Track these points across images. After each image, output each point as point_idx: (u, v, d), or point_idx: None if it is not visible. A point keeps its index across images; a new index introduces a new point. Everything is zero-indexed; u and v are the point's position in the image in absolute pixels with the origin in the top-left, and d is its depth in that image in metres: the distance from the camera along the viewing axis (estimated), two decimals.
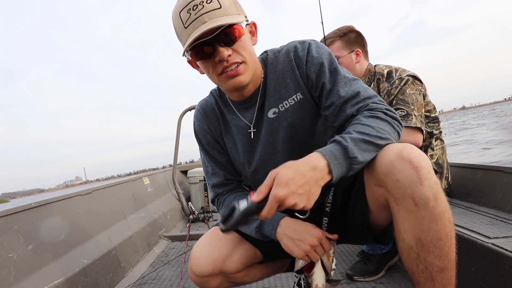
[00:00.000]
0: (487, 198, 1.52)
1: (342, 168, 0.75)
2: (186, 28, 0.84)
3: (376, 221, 0.94)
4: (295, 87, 0.97)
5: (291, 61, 0.96)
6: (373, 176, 0.83)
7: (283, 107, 0.98)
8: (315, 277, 0.92)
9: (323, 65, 0.93)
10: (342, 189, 1.01)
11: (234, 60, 0.88)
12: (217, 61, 0.87)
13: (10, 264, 1.31)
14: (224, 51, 0.85)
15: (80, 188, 2.52)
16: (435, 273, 0.76)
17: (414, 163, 0.73)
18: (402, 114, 1.48)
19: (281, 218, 0.95)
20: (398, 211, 0.78)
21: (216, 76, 0.91)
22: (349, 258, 1.80)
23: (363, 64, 1.71)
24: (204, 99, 1.12)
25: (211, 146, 1.10)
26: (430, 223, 0.74)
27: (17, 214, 1.46)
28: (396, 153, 0.76)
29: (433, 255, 0.75)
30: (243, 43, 0.89)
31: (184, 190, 3.59)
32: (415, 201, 0.74)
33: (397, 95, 1.52)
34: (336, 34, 1.70)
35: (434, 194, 0.73)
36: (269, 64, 1.00)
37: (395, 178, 0.75)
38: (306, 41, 0.97)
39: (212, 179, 1.10)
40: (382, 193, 0.82)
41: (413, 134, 1.47)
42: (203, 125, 1.09)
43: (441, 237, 0.74)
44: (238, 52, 0.88)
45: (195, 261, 0.99)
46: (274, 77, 0.99)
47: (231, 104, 1.05)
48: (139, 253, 2.20)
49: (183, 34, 0.86)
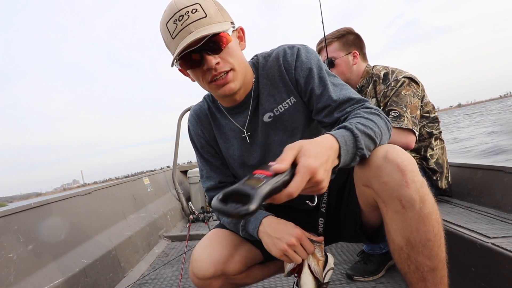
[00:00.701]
0: (487, 198, 1.52)
1: (348, 155, 0.74)
2: (173, 39, 0.86)
3: (368, 221, 0.95)
4: (287, 91, 0.98)
5: (280, 65, 0.97)
6: (362, 176, 0.84)
7: (278, 111, 0.99)
8: (302, 283, 0.89)
9: (312, 70, 0.94)
10: (335, 190, 1.02)
11: (223, 69, 0.88)
12: (205, 69, 0.88)
13: (10, 264, 1.31)
14: (211, 60, 0.86)
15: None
16: (426, 273, 0.76)
17: (400, 166, 0.74)
18: (395, 115, 1.48)
19: (264, 217, 0.95)
20: (386, 212, 0.79)
21: (206, 84, 0.92)
22: (349, 258, 1.80)
23: (360, 66, 1.72)
24: (197, 104, 1.13)
25: (205, 150, 1.11)
26: (418, 224, 0.74)
27: (17, 214, 1.46)
28: (384, 155, 0.77)
29: (423, 255, 0.76)
30: (230, 50, 0.89)
31: (184, 190, 3.59)
32: (402, 203, 0.74)
33: (392, 97, 1.53)
34: (334, 35, 1.71)
35: (420, 196, 0.74)
36: (260, 68, 1.01)
37: (382, 180, 0.76)
38: (295, 46, 0.98)
39: (206, 182, 1.13)
40: (371, 193, 0.83)
41: (405, 135, 1.47)
42: (197, 130, 1.11)
43: (430, 238, 0.75)
44: (226, 60, 0.89)
45: (197, 263, 0.98)
46: (266, 81, 1.00)
47: (224, 109, 1.06)
48: (139, 253, 2.20)
49: (171, 44, 0.88)
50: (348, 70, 1.70)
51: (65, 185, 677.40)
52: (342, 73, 1.71)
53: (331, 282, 1.55)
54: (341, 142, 0.72)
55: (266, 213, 0.98)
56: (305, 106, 0.98)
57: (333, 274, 1.64)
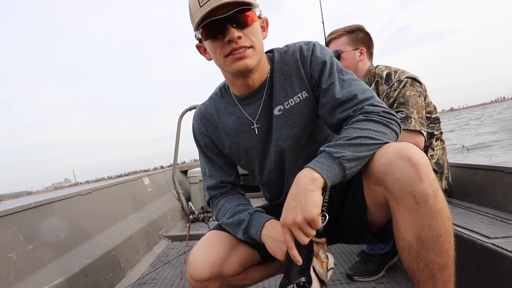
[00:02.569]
0: (487, 198, 1.52)
1: (332, 169, 0.78)
2: (201, 6, 0.85)
3: (373, 220, 0.94)
4: (300, 86, 0.98)
5: (296, 60, 0.98)
6: (372, 175, 0.83)
7: (288, 105, 0.99)
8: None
9: (325, 64, 0.95)
10: (338, 189, 1.02)
11: (243, 43, 0.88)
12: (226, 41, 0.87)
13: (10, 264, 1.31)
14: (234, 32, 0.86)
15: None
16: (436, 271, 0.76)
17: (413, 160, 0.74)
18: (402, 117, 1.49)
19: (266, 220, 0.95)
20: (398, 210, 0.79)
21: (222, 58, 0.91)
22: (349, 258, 1.80)
23: (365, 63, 1.73)
24: (203, 103, 1.14)
25: (209, 149, 1.12)
26: (430, 220, 0.74)
27: (17, 214, 1.46)
28: (394, 152, 0.77)
29: (433, 252, 0.75)
30: (254, 29, 0.90)
31: (184, 190, 3.59)
32: (415, 199, 0.74)
33: (397, 98, 1.53)
34: (345, 29, 1.74)
35: (433, 191, 0.73)
36: (275, 62, 1.02)
37: (395, 176, 0.76)
38: (311, 42, 0.99)
39: (208, 180, 1.13)
40: (382, 192, 0.82)
41: (413, 137, 1.47)
42: (201, 128, 1.11)
43: (441, 234, 0.74)
44: (248, 36, 0.89)
45: (193, 265, 0.98)
46: (280, 75, 1.00)
47: (235, 99, 1.05)
48: (139, 253, 2.20)
49: (197, 13, 0.87)
50: (353, 66, 1.72)
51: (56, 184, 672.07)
52: (346, 67, 1.72)
53: (331, 282, 1.55)
54: (314, 165, 0.78)
55: (268, 216, 0.97)
56: (315, 102, 0.99)
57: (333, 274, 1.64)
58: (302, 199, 0.75)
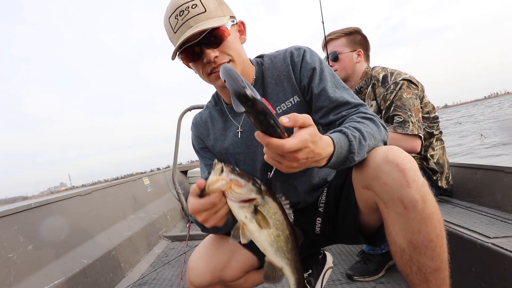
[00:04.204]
0: (487, 198, 1.52)
1: (340, 158, 0.74)
2: (175, 33, 0.90)
3: (367, 223, 0.94)
4: (292, 91, 0.99)
5: (288, 65, 0.99)
6: (361, 179, 0.83)
7: (281, 109, 0.99)
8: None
9: (315, 70, 0.96)
10: (334, 190, 1.02)
11: (221, 61, 0.92)
12: (205, 62, 0.91)
13: (10, 264, 1.31)
14: (210, 53, 0.89)
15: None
16: (429, 274, 0.76)
17: (400, 165, 0.74)
18: (399, 121, 1.49)
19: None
20: (387, 214, 0.79)
21: (206, 76, 0.95)
22: (349, 258, 1.80)
23: (362, 65, 1.74)
24: (199, 112, 1.18)
25: (205, 154, 1.14)
26: (420, 225, 0.74)
27: (17, 214, 1.46)
28: (383, 156, 0.77)
29: (425, 256, 0.75)
30: (229, 43, 0.92)
31: (184, 190, 3.59)
32: (403, 204, 0.74)
33: (394, 101, 1.53)
34: (343, 31, 1.75)
35: (422, 196, 0.73)
36: (265, 68, 1.02)
37: (382, 181, 0.76)
38: (301, 48, 1.00)
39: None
40: (371, 196, 0.82)
41: (411, 141, 1.48)
42: (198, 135, 1.14)
43: (432, 238, 0.74)
44: (225, 52, 0.92)
45: (193, 271, 0.98)
46: (272, 80, 1.01)
47: (226, 109, 1.08)
48: (139, 253, 2.20)
49: (173, 38, 0.92)
50: (350, 67, 1.73)
51: (52, 188, 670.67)
52: (344, 68, 1.73)
53: (331, 282, 1.55)
54: (337, 145, 0.72)
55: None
56: (307, 106, 0.99)
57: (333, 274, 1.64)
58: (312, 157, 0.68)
